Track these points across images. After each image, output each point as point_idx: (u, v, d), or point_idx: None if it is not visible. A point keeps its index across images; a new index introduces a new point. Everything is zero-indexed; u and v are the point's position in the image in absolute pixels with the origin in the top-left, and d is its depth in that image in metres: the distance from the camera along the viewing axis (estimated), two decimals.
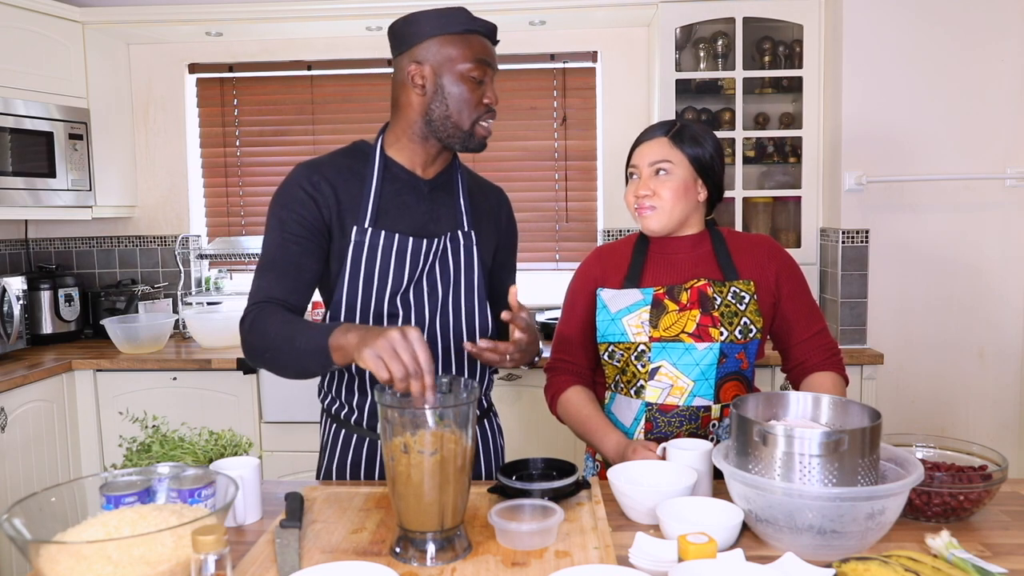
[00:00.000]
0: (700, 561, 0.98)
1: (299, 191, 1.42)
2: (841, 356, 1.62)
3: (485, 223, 1.57)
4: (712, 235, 1.62)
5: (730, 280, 1.56)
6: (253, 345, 1.36)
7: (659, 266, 1.60)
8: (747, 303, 1.54)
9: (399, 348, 1.12)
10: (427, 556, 1.09)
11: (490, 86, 1.42)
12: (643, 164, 1.56)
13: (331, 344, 1.22)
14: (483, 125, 1.44)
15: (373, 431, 1.51)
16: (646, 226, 1.58)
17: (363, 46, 3.39)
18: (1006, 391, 2.83)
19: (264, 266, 1.42)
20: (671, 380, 1.51)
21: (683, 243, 1.60)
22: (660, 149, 1.55)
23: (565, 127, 3.42)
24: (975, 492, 1.21)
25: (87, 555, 0.88)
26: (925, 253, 2.81)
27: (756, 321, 1.53)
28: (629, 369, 1.55)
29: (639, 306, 1.54)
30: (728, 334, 1.51)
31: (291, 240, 1.41)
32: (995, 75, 2.72)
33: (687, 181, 1.55)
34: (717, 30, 3.07)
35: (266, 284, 1.40)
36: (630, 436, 1.55)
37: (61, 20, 3.03)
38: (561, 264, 3.45)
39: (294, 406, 2.84)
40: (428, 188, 1.50)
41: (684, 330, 1.51)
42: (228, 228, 3.60)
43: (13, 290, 2.93)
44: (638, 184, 1.57)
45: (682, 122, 1.59)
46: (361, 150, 1.51)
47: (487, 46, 1.42)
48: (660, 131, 1.58)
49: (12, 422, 2.60)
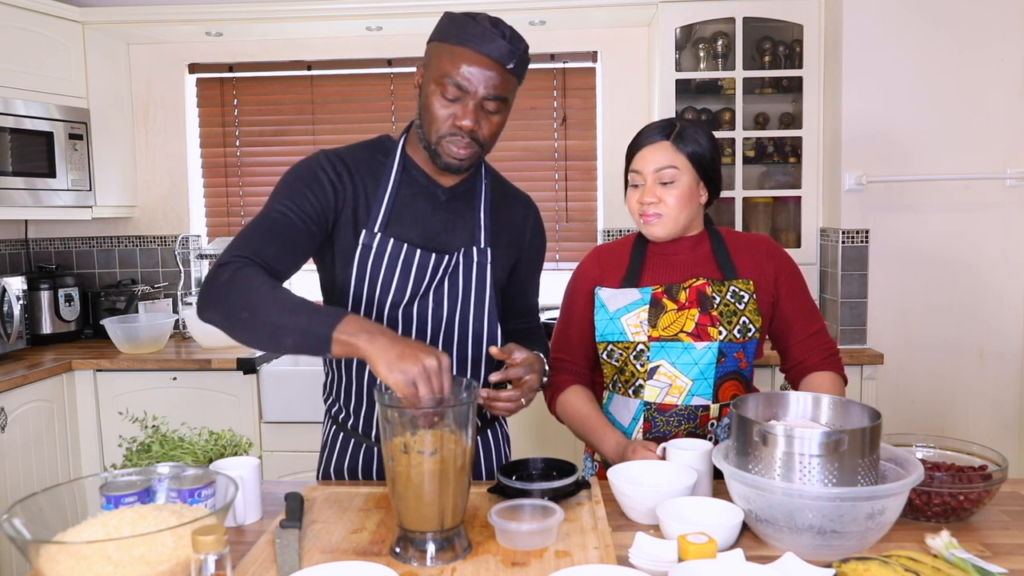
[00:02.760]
0: (700, 561, 0.98)
1: (322, 174, 1.36)
2: (840, 356, 1.62)
3: (506, 238, 1.50)
4: (711, 235, 1.61)
5: (729, 280, 1.55)
6: (229, 299, 1.19)
7: (658, 266, 1.60)
8: (746, 302, 1.53)
9: (435, 377, 1.08)
10: (427, 556, 1.09)
11: (468, 107, 1.29)
12: (647, 171, 1.53)
13: (337, 337, 1.12)
14: (450, 148, 1.32)
15: (370, 437, 1.50)
16: (651, 233, 1.56)
17: (363, 46, 3.39)
18: (1006, 391, 2.83)
19: (258, 224, 1.31)
20: (669, 379, 1.51)
21: (683, 244, 1.60)
22: (664, 155, 1.52)
23: (565, 127, 3.42)
24: (975, 492, 1.21)
25: (87, 555, 0.88)
26: (925, 253, 2.80)
27: (755, 320, 1.53)
28: (628, 368, 1.55)
29: (637, 305, 1.54)
30: (727, 333, 1.50)
31: (296, 216, 1.32)
32: (995, 75, 2.72)
33: (691, 186, 1.53)
34: (717, 30, 3.07)
35: (256, 241, 1.27)
36: (628, 436, 1.55)
37: (61, 20, 3.03)
38: (561, 264, 3.45)
39: (294, 406, 2.84)
40: (447, 196, 1.43)
41: (683, 329, 1.51)
42: (228, 228, 3.60)
43: (13, 290, 2.93)
44: (643, 191, 1.54)
45: (680, 123, 1.55)
46: (384, 146, 1.45)
47: (483, 65, 1.28)
48: (660, 135, 1.54)
49: (12, 422, 2.60)
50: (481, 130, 1.33)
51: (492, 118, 1.34)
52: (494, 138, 1.37)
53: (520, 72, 1.34)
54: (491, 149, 1.40)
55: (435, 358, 1.09)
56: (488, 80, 1.29)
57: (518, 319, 1.63)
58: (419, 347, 1.10)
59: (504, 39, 1.29)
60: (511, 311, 1.61)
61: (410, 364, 1.08)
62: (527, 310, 1.64)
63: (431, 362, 1.08)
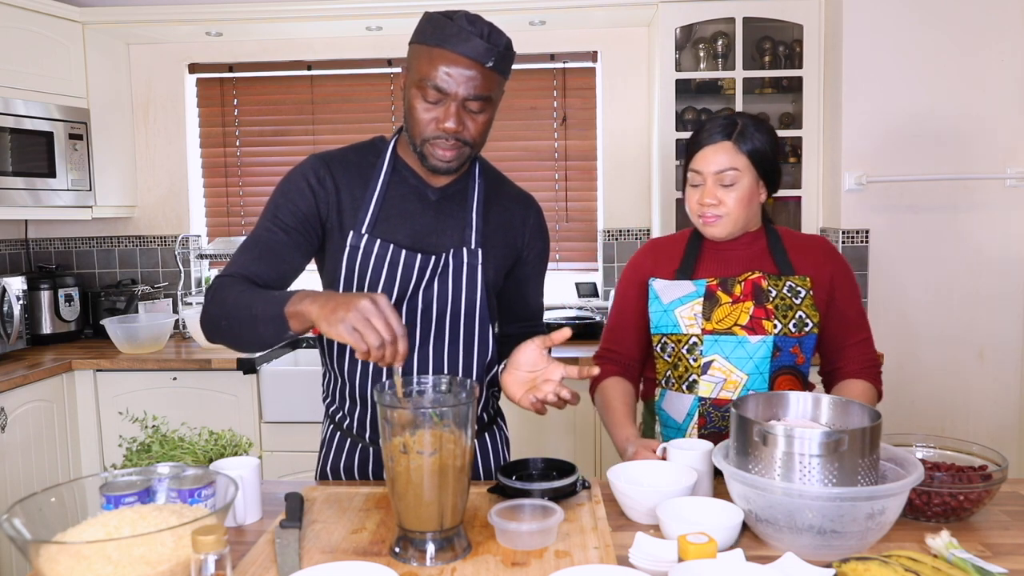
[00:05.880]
0: (700, 561, 0.98)
1: (302, 181, 1.39)
2: (880, 369, 1.61)
3: (500, 238, 1.47)
4: (768, 232, 1.60)
5: (786, 275, 1.54)
6: (211, 314, 1.31)
7: (713, 261, 1.58)
8: (803, 297, 1.52)
9: (372, 317, 1.09)
10: (427, 556, 1.09)
11: (450, 109, 1.28)
12: (707, 171, 1.51)
13: (287, 312, 1.18)
14: (435, 151, 1.32)
15: (364, 439, 1.50)
16: (710, 234, 1.55)
17: (363, 46, 3.39)
18: (1006, 391, 2.83)
19: (246, 245, 1.38)
20: (724, 374, 1.50)
21: (739, 240, 1.58)
22: (725, 156, 1.50)
23: (565, 127, 3.42)
24: (975, 492, 1.21)
25: (87, 555, 0.88)
26: (925, 253, 2.80)
27: (812, 315, 1.51)
28: (681, 364, 1.54)
29: (692, 297, 1.53)
30: (782, 327, 1.49)
31: (280, 227, 1.37)
32: (995, 75, 2.72)
33: (752, 187, 1.52)
34: (717, 30, 3.07)
35: (243, 261, 1.36)
36: (682, 433, 1.55)
37: (61, 20, 3.03)
38: (561, 264, 3.45)
39: (294, 406, 2.84)
40: (437, 197, 1.42)
41: (737, 322, 1.50)
42: (228, 228, 3.60)
43: (13, 290, 2.93)
44: (703, 192, 1.52)
45: (742, 121, 1.51)
46: (376, 147, 1.45)
47: (461, 65, 1.26)
48: (721, 134, 1.51)
49: (12, 422, 2.60)
50: (467, 130, 1.32)
51: (477, 117, 1.32)
52: (483, 135, 1.36)
53: (503, 68, 1.32)
54: (482, 146, 1.39)
55: (368, 299, 1.10)
56: (468, 80, 1.27)
57: (520, 323, 1.60)
58: (354, 295, 1.12)
59: (482, 37, 1.26)
60: (511, 314, 1.59)
61: (343, 312, 1.10)
62: (529, 314, 1.61)
63: (364, 303, 1.10)
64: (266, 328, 1.22)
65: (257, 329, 1.23)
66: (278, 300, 1.21)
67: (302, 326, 1.18)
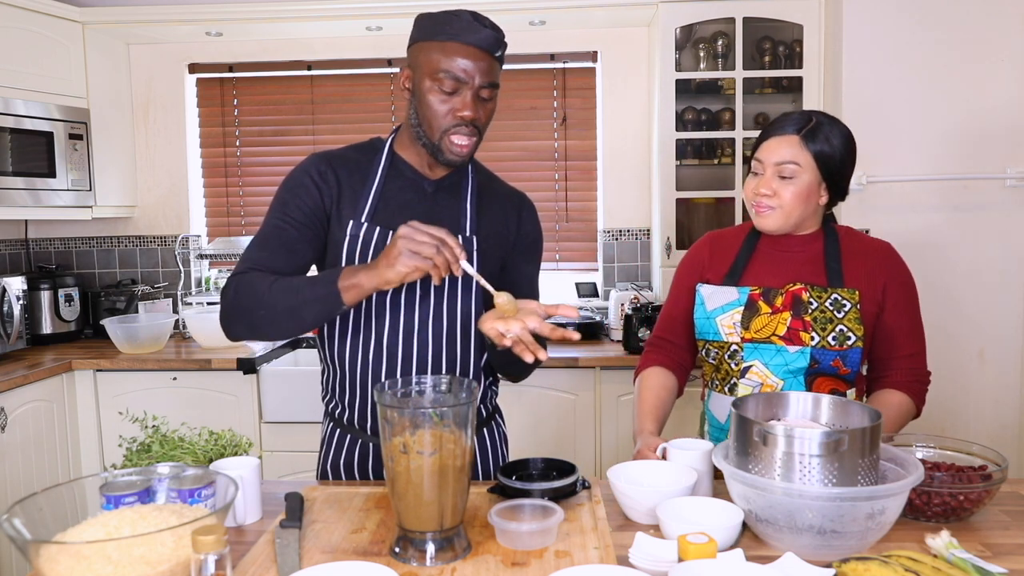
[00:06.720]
0: (700, 561, 0.98)
1: (306, 178, 1.45)
2: (925, 387, 1.57)
3: (494, 230, 1.53)
4: (827, 236, 1.58)
5: (833, 287, 1.52)
6: (242, 307, 1.35)
7: (764, 263, 1.58)
8: (847, 311, 1.49)
9: (417, 236, 1.21)
10: (427, 556, 1.09)
11: (467, 98, 1.36)
12: (768, 161, 1.50)
13: (341, 286, 1.27)
14: (455, 140, 1.39)
15: (365, 432, 1.51)
16: (761, 224, 1.55)
17: (363, 46, 3.39)
18: (1006, 391, 2.83)
19: (257, 242, 1.43)
20: (761, 379, 1.52)
21: (794, 241, 1.57)
22: (789, 149, 1.49)
23: (565, 127, 3.42)
24: (975, 492, 1.21)
25: (87, 555, 0.88)
26: (925, 253, 2.80)
27: (855, 329, 1.48)
28: (723, 367, 1.57)
29: (733, 306, 1.55)
30: (820, 339, 1.48)
31: (289, 223, 1.42)
32: (995, 75, 2.72)
33: (811, 185, 1.50)
34: (717, 30, 3.07)
35: (259, 257, 1.41)
36: (725, 433, 1.55)
37: (61, 20, 3.03)
38: (561, 264, 3.45)
39: (294, 406, 2.84)
40: (432, 188, 1.49)
41: (775, 333, 1.51)
42: (228, 228, 3.60)
43: (13, 290, 2.93)
44: (760, 181, 1.52)
45: (817, 119, 1.50)
46: (374, 146, 1.52)
47: (474, 56, 1.35)
48: (792, 127, 1.50)
49: (12, 422, 2.60)
50: (481, 117, 1.41)
51: (487, 105, 1.42)
52: (488, 124, 1.46)
53: (503, 58, 1.43)
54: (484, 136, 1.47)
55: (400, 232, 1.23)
56: (481, 69, 1.36)
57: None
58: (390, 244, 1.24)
59: (489, 28, 1.37)
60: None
61: (393, 252, 1.22)
62: None
63: (401, 234, 1.22)
64: (312, 309, 1.31)
65: (301, 313, 1.32)
66: (326, 279, 1.30)
67: (355, 298, 1.29)
